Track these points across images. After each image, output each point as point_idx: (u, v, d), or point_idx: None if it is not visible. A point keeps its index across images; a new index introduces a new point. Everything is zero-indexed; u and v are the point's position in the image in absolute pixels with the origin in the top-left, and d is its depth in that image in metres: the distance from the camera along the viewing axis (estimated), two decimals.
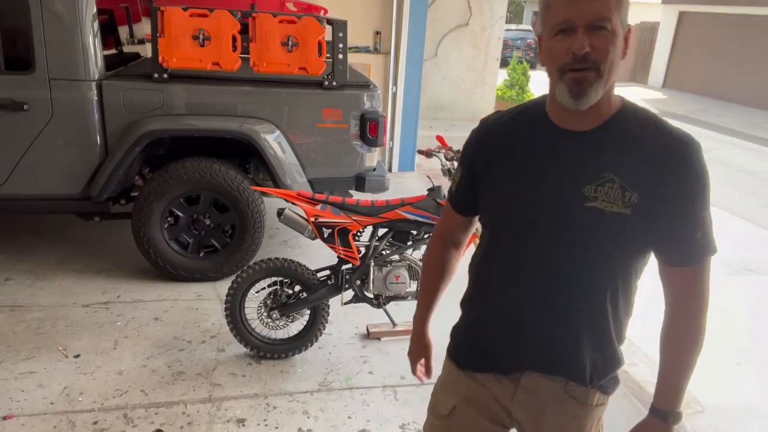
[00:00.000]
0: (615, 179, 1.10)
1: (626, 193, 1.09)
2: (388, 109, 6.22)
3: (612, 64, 1.06)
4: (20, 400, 2.52)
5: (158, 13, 3.23)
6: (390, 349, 3.09)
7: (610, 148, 1.12)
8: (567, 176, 1.13)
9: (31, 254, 3.92)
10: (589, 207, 1.11)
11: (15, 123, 3.29)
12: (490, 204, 1.26)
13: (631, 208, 1.09)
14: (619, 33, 1.06)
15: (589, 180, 1.11)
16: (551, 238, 1.16)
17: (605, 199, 1.10)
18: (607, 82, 1.08)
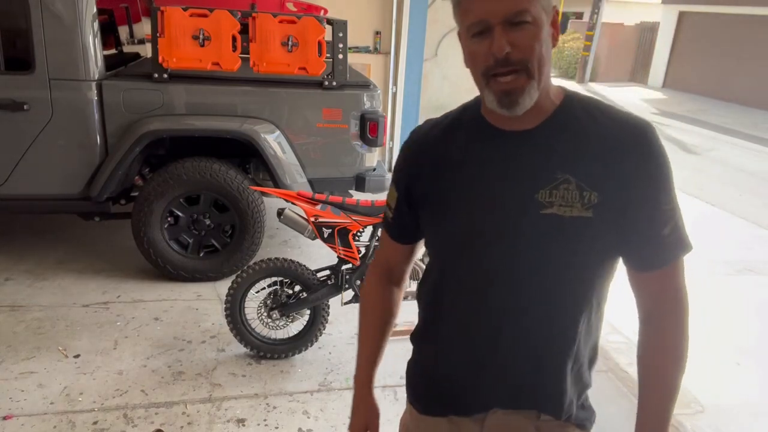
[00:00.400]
0: (570, 179, 0.97)
1: (584, 193, 0.96)
2: (388, 109, 6.22)
3: (541, 59, 0.94)
4: (20, 400, 2.52)
5: (158, 13, 3.23)
6: (390, 349, 3.07)
7: (560, 146, 0.99)
8: (517, 183, 0.99)
9: (31, 254, 3.92)
10: (546, 214, 0.97)
11: (15, 123, 3.29)
12: (436, 225, 1.11)
13: (593, 209, 0.96)
14: (543, 22, 0.93)
15: (542, 184, 0.98)
16: (508, 254, 1.02)
17: (562, 203, 0.97)
18: (541, 79, 0.95)
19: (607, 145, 0.97)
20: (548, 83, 1.00)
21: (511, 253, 1.01)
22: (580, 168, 0.97)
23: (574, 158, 0.98)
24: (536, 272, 1.01)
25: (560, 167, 0.98)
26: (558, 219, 0.97)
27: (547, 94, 1.00)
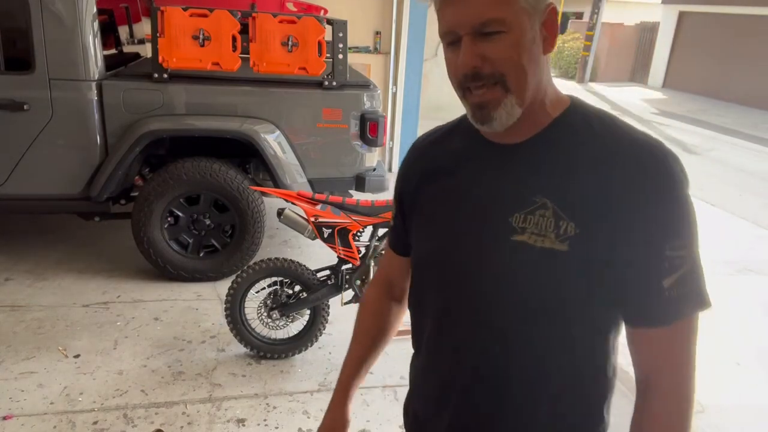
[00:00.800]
0: (548, 204, 0.83)
1: (561, 222, 0.81)
2: (388, 109, 6.22)
3: (521, 69, 0.82)
4: (20, 400, 2.52)
5: (158, 13, 3.23)
6: (390, 349, 3.06)
7: (544, 164, 0.86)
8: (494, 201, 0.88)
9: (31, 254, 3.92)
10: (516, 241, 0.84)
11: (15, 123, 3.29)
12: (416, 239, 1.03)
13: (569, 242, 0.81)
14: (524, 27, 0.81)
15: (518, 206, 0.85)
16: (470, 282, 0.90)
17: (535, 230, 0.83)
18: (523, 92, 0.83)
19: (601, 166, 0.82)
20: (541, 93, 0.87)
21: (474, 282, 0.90)
22: (563, 192, 0.83)
23: (558, 181, 0.84)
24: (497, 306, 0.88)
25: (540, 189, 0.84)
26: (528, 248, 0.84)
27: (541, 104, 0.88)
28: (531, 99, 0.85)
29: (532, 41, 0.82)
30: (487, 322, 0.89)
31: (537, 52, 0.84)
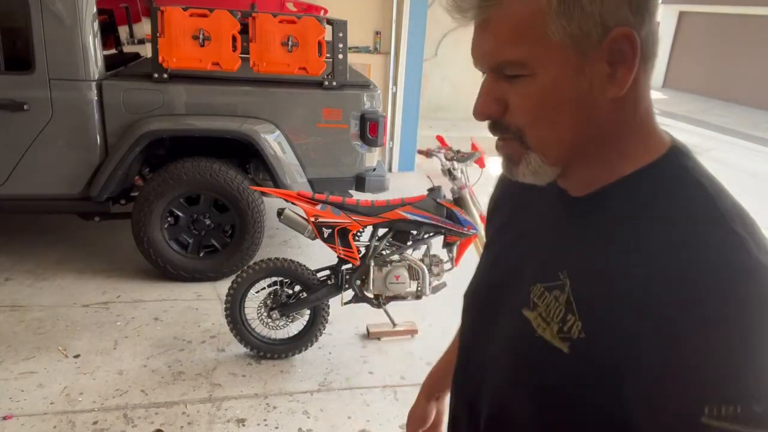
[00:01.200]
0: (566, 287, 0.66)
1: (569, 316, 0.64)
2: (388, 109, 6.23)
3: (547, 125, 0.63)
4: (20, 400, 2.52)
5: (158, 13, 3.23)
6: (390, 349, 3.09)
7: (585, 233, 0.68)
8: (530, 259, 0.74)
9: (31, 254, 3.92)
10: (524, 317, 0.70)
11: (15, 123, 3.29)
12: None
13: (570, 344, 0.63)
14: (559, 68, 0.60)
15: (543, 276, 0.70)
16: (487, 342, 0.78)
17: (543, 312, 0.68)
18: (549, 151, 0.65)
19: (643, 266, 0.59)
20: (603, 147, 0.65)
21: (487, 338, 0.78)
22: (585, 277, 0.65)
23: (588, 259, 0.65)
24: (497, 375, 0.76)
25: (568, 264, 0.67)
26: (529, 331, 0.69)
27: (607, 158, 0.66)
28: (577, 154, 0.66)
29: (572, 87, 0.61)
30: (492, 387, 0.77)
31: (588, 98, 0.62)
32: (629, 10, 0.59)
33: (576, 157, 0.66)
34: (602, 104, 0.62)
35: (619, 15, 0.59)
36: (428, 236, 2.76)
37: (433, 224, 2.68)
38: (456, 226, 2.68)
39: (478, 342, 0.81)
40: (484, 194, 5.56)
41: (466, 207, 2.73)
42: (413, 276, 2.82)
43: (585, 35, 0.59)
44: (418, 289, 2.80)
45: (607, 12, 0.58)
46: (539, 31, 0.59)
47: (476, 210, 2.75)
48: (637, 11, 0.59)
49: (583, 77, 0.61)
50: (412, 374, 2.88)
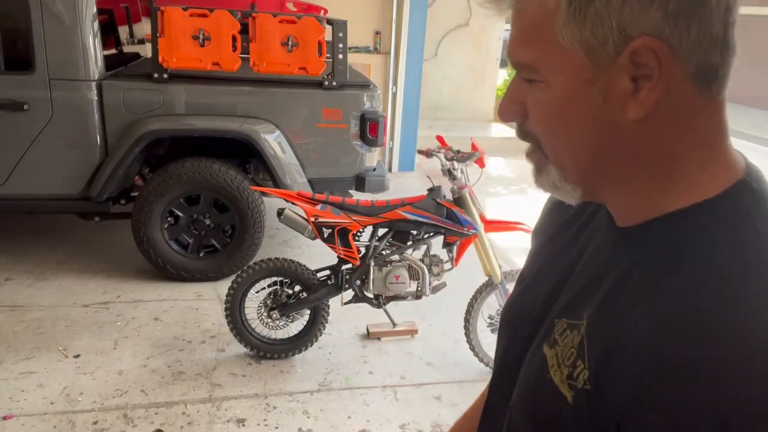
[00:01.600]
0: (583, 329, 0.58)
1: (579, 362, 0.56)
2: (388, 109, 6.23)
3: (559, 139, 0.57)
4: (20, 400, 2.52)
5: (158, 13, 3.24)
6: (390, 349, 3.09)
7: (618, 270, 0.58)
8: (564, 289, 0.66)
9: (31, 254, 3.92)
10: (543, 354, 0.63)
11: (15, 123, 3.29)
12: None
13: (574, 393, 0.56)
14: (567, 79, 0.54)
15: (569, 311, 0.62)
16: (510, 369, 0.71)
17: (559, 352, 0.60)
18: (567, 169, 0.58)
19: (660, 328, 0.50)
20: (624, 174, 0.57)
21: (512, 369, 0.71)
22: (603, 321, 0.56)
23: (608, 302, 0.57)
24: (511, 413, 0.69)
25: (592, 304, 0.58)
26: (543, 369, 0.62)
27: (649, 191, 0.56)
28: (600, 177, 0.58)
29: (584, 100, 0.53)
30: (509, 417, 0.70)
31: (604, 115, 0.54)
32: (662, 17, 0.48)
33: (601, 181, 0.58)
34: (624, 124, 0.53)
35: (646, 22, 0.49)
36: (428, 236, 2.76)
37: (433, 224, 2.68)
38: (456, 226, 2.68)
39: (506, 367, 0.74)
40: (484, 194, 5.56)
41: (466, 207, 2.73)
42: (413, 276, 2.82)
43: (600, 44, 0.51)
44: (418, 289, 2.80)
45: (628, 18, 0.49)
46: (549, 34, 0.52)
47: (476, 210, 2.75)
48: (677, 18, 0.48)
49: (597, 91, 0.53)
50: (412, 374, 2.88)
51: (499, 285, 2.77)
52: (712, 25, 0.49)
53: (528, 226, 2.67)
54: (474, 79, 9.23)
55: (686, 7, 0.48)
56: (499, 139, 8.28)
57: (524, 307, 0.73)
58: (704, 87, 0.52)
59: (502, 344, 0.77)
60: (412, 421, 2.55)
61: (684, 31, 0.49)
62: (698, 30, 0.49)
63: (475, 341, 2.86)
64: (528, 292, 0.74)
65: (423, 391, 2.76)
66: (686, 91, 0.52)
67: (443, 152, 2.79)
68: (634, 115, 0.52)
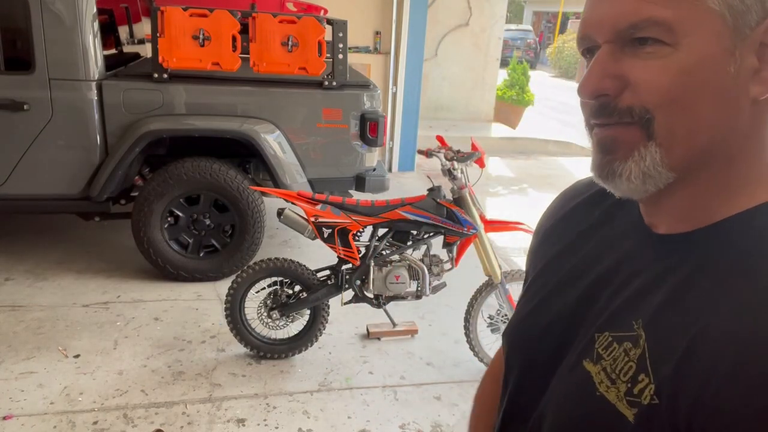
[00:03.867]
0: (641, 340, 0.54)
1: (640, 376, 0.52)
2: (388, 109, 6.23)
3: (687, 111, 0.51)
4: (20, 400, 2.52)
5: (158, 13, 3.23)
6: (390, 349, 3.09)
7: (675, 278, 0.54)
8: (596, 301, 0.62)
9: (31, 254, 3.92)
10: (584, 370, 0.59)
11: (15, 123, 3.29)
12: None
13: (637, 411, 0.52)
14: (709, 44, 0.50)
15: (612, 322, 0.58)
16: (537, 402, 0.66)
17: (608, 367, 0.56)
18: (678, 148, 0.53)
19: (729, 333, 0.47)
20: (730, 162, 0.53)
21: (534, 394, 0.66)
22: (669, 332, 0.52)
23: (674, 311, 0.53)
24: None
25: (647, 313, 0.55)
26: (589, 387, 0.57)
27: (726, 182, 0.54)
28: (698, 164, 0.54)
29: (720, 70, 0.50)
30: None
31: (734, 89, 0.51)
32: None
33: (696, 169, 0.54)
34: (744, 103, 0.51)
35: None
36: (428, 236, 2.76)
37: (433, 224, 2.68)
38: (456, 226, 2.68)
39: (525, 393, 0.69)
40: (484, 194, 5.56)
41: (466, 207, 2.73)
42: (413, 276, 2.82)
43: (746, 10, 0.49)
44: (418, 289, 2.80)
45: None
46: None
47: (476, 210, 2.75)
48: None
49: (733, 62, 0.49)
50: (412, 374, 2.88)
51: (499, 285, 2.77)
52: None
53: (528, 226, 2.67)
54: (474, 79, 9.23)
55: None
56: (499, 139, 8.28)
57: (540, 323, 0.69)
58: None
59: (518, 361, 0.73)
60: (412, 421, 2.55)
61: None
62: None
63: (475, 341, 2.86)
64: (545, 305, 0.70)
65: (423, 391, 2.76)
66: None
67: (443, 152, 2.79)
68: (756, 94, 0.50)
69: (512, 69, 9.45)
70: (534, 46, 22.15)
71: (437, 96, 9.12)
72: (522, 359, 0.71)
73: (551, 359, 0.65)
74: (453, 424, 2.56)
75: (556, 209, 0.78)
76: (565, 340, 0.63)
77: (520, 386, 0.71)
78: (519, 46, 20.55)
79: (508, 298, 2.78)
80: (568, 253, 0.70)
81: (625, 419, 0.52)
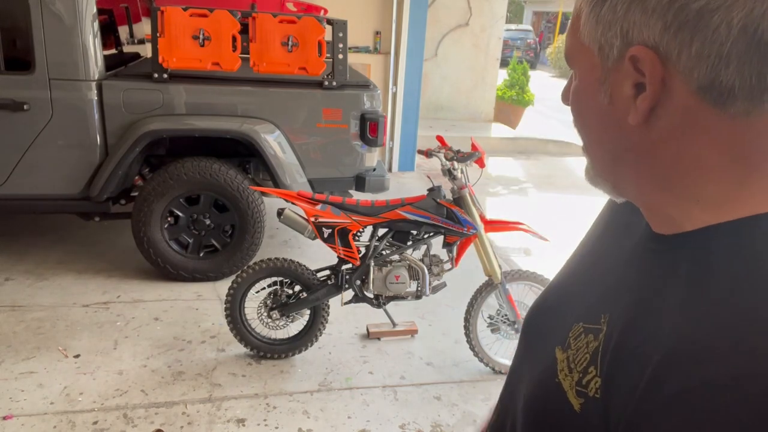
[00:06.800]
0: (600, 333, 0.56)
1: (590, 368, 0.54)
2: (388, 109, 6.23)
3: (583, 130, 0.59)
4: (20, 400, 2.52)
5: (158, 13, 3.24)
6: (390, 349, 3.09)
7: (648, 278, 0.56)
8: (589, 291, 0.64)
9: (31, 254, 3.92)
10: (554, 355, 0.61)
11: (15, 123, 3.29)
12: None
13: (583, 401, 0.54)
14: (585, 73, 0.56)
15: (586, 314, 0.60)
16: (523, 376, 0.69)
17: (571, 356, 0.58)
18: (593, 160, 0.60)
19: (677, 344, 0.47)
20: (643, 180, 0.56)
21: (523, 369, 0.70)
22: (619, 328, 0.54)
23: (631, 309, 0.54)
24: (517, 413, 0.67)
25: (613, 308, 0.57)
26: (552, 372, 0.60)
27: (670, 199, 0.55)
28: (617, 177, 0.59)
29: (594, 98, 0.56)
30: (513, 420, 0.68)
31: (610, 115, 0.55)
32: (662, 28, 0.48)
33: (623, 179, 0.58)
34: (629, 128, 0.54)
35: (646, 31, 0.49)
36: (428, 236, 2.76)
37: (433, 224, 2.68)
38: (456, 226, 2.68)
39: (518, 367, 0.72)
40: (484, 194, 5.56)
41: (466, 207, 2.73)
42: (413, 276, 2.82)
43: (608, 45, 0.52)
44: (418, 289, 2.80)
45: (630, 25, 0.50)
46: (577, 28, 0.56)
47: (476, 210, 2.75)
48: (677, 30, 0.48)
49: (604, 91, 0.54)
50: (412, 374, 2.88)
51: (499, 285, 2.77)
52: (721, 43, 0.46)
53: (528, 226, 2.67)
54: (474, 79, 9.23)
55: (687, 20, 0.47)
56: (499, 139, 8.28)
57: (543, 308, 0.73)
58: (719, 103, 0.49)
59: (521, 347, 0.76)
60: (412, 421, 2.55)
61: (685, 44, 0.48)
62: (701, 45, 0.47)
63: (475, 341, 2.86)
64: (553, 292, 0.73)
65: (423, 391, 2.76)
66: (693, 105, 0.50)
67: (443, 152, 2.79)
68: (632, 120, 0.53)
69: (512, 69, 9.46)
70: (534, 46, 22.16)
71: (437, 96, 9.12)
72: (524, 344, 0.74)
73: (542, 340, 0.67)
74: (453, 424, 2.56)
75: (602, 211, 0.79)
76: (556, 324, 0.65)
77: (516, 360, 0.74)
78: (519, 46, 20.56)
79: (508, 298, 2.78)
80: (591, 243, 0.74)
81: (572, 408, 0.54)
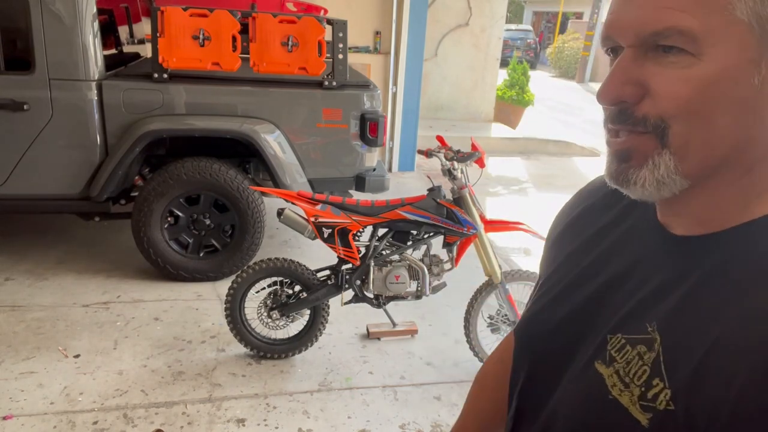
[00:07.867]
0: (656, 344, 0.53)
1: (655, 380, 0.52)
2: (388, 109, 6.23)
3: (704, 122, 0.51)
4: (20, 400, 2.52)
5: (158, 13, 3.23)
6: (390, 349, 3.09)
7: (692, 283, 0.54)
8: (609, 302, 0.61)
9: (31, 254, 3.92)
10: (595, 371, 0.58)
11: (15, 123, 3.29)
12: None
13: (652, 416, 0.51)
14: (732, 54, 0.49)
15: (625, 324, 0.58)
16: (547, 403, 0.65)
17: (621, 370, 0.55)
18: (692, 156, 0.52)
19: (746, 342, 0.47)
20: (748, 169, 0.53)
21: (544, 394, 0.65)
22: (678, 335, 0.52)
23: (692, 315, 0.52)
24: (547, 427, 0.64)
25: (662, 316, 0.54)
26: (601, 389, 0.56)
27: (739, 190, 0.53)
28: (715, 173, 0.53)
29: (743, 81, 0.49)
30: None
31: (756, 101, 0.50)
32: None
33: (713, 176, 0.53)
34: (766, 114, 0.50)
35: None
36: (428, 236, 2.76)
37: (433, 224, 2.68)
38: (456, 226, 2.68)
39: (535, 390, 0.68)
40: (484, 194, 5.56)
41: (466, 207, 2.73)
42: (413, 276, 2.82)
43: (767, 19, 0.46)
44: (418, 289, 2.80)
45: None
46: (722, 2, 0.47)
47: (476, 210, 2.75)
48: None
49: (758, 72, 0.48)
50: (412, 374, 2.88)
51: (499, 285, 2.77)
52: None
53: (528, 226, 2.67)
54: (474, 79, 9.23)
55: None
56: (499, 139, 8.28)
57: (552, 320, 0.68)
58: None
59: (528, 358, 0.72)
60: (412, 421, 2.55)
61: None
62: None
63: (475, 341, 2.86)
64: (558, 304, 0.69)
65: (423, 391, 2.76)
66: None
67: (443, 152, 2.79)
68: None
69: (512, 69, 9.45)
70: (534, 46, 22.16)
71: (437, 96, 9.12)
72: (532, 357, 0.70)
73: (562, 357, 0.64)
74: (453, 424, 2.56)
75: (571, 208, 0.78)
76: (577, 339, 0.63)
77: (530, 383, 0.70)
78: (519, 46, 20.56)
79: (508, 298, 2.78)
80: (582, 252, 0.70)
81: (639, 424, 0.52)
